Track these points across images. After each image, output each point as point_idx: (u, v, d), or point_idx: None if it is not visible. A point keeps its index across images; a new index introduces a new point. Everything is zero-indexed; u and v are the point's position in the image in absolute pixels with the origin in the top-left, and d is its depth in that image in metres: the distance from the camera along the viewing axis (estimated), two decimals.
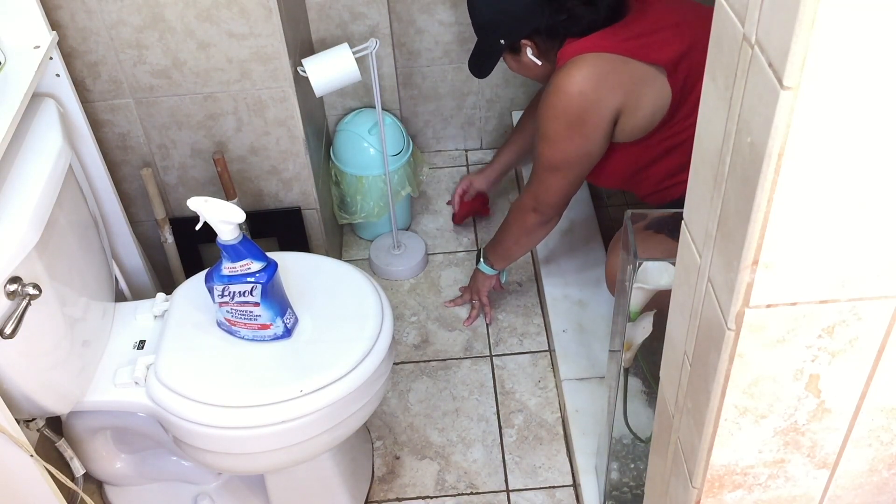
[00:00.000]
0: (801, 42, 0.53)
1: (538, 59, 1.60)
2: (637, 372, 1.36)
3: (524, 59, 1.62)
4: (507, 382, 1.90)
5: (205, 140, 1.80)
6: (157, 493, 1.61)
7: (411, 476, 1.73)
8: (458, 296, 2.10)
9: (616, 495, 1.53)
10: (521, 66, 1.65)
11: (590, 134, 1.52)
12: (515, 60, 1.65)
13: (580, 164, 1.58)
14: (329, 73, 1.76)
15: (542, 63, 1.60)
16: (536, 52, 1.59)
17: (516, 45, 1.61)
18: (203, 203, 1.27)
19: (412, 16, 2.26)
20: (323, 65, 1.76)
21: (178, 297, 1.49)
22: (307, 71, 1.75)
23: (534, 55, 1.59)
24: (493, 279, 1.95)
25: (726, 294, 0.69)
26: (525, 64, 1.63)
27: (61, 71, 1.48)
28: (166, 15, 1.60)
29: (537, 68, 1.62)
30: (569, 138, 1.53)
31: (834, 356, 0.72)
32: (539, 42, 1.58)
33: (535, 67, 1.62)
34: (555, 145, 1.55)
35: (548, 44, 1.57)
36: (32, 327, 1.17)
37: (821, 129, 0.57)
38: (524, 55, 1.61)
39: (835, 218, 0.62)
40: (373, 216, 2.15)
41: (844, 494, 0.86)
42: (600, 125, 1.51)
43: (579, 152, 1.55)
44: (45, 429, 1.38)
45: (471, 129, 2.54)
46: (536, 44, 1.58)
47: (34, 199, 1.22)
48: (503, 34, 1.60)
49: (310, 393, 1.30)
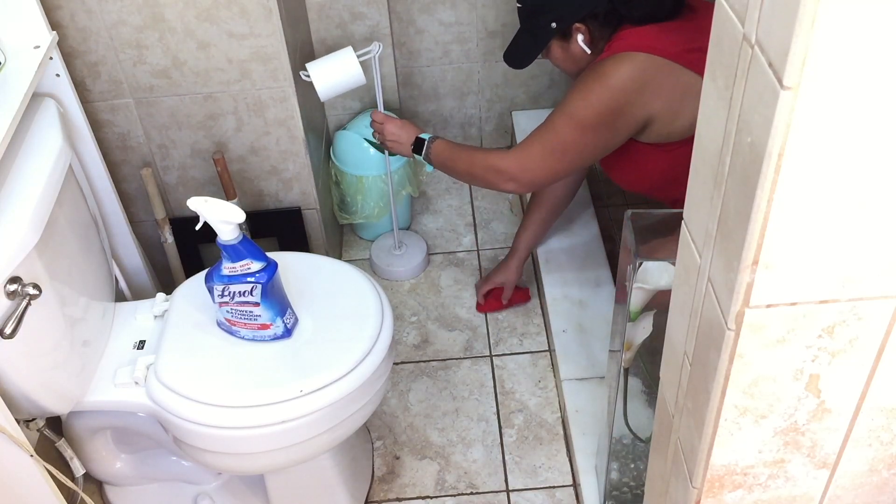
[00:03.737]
0: (801, 42, 0.53)
1: (588, 47, 1.52)
2: (637, 372, 1.36)
3: (572, 47, 1.54)
4: (507, 382, 1.90)
5: (205, 140, 1.80)
6: (157, 493, 1.61)
7: (411, 476, 1.73)
8: None
9: (616, 495, 1.53)
10: (566, 56, 1.56)
11: (616, 130, 1.47)
12: (562, 48, 1.56)
13: (589, 156, 1.52)
14: (333, 78, 1.71)
15: (590, 53, 1.52)
16: (588, 38, 1.51)
17: (568, 31, 1.52)
18: (203, 203, 1.27)
19: (412, 16, 2.26)
20: (327, 69, 1.71)
21: (178, 297, 1.49)
22: (311, 76, 1.70)
23: (585, 42, 1.51)
24: (409, 152, 1.72)
25: (726, 294, 0.69)
26: (572, 53, 1.54)
27: (61, 71, 1.48)
28: (166, 15, 1.60)
29: (583, 59, 1.54)
30: (594, 128, 1.47)
31: (834, 356, 0.72)
32: (593, 28, 1.50)
33: (582, 58, 1.54)
34: (577, 129, 1.47)
35: (602, 31, 1.50)
36: (32, 327, 1.17)
37: (821, 129, 0.57)
38: (574, 42, 1.52)
39: (835, 218, 0.62)
40: (373, 216, 2.15)
41: (844, 494, 0.86)
42: (629, 125, 1.47)
43: (597, 144, 1.50)
44: (45, 429, 1.38)
45: (471, 129, 2.54)
46: (590, 29, 1.50)
47: (34, 199, 1.21)
48: (557, 16, 1.51)
49: (310, 393, 1.30)
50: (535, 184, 1.59)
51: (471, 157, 1.63)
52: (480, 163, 1.60)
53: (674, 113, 1.45)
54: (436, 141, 1.66)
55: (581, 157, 1.52)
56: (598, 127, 1.46)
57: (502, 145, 2.57)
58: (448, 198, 2.41)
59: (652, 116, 1.46)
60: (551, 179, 1.57)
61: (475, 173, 1.62)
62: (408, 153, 1.71)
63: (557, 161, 1.52)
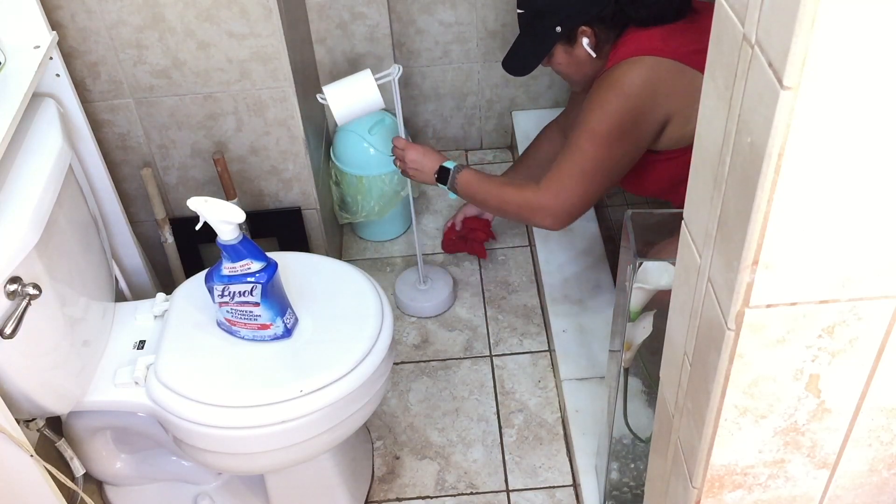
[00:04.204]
0: (801, 42, 0.53)
1: (594, 50, 1.49)
2: (637, 372, 1.36)
3: (577, 52, 1.51)
4: (507, 382, 1.90)
5: (205, 140, 1.80)
6: (157, 493, 1.61)
7: (411, 476, 1.73)
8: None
9: (616, 495, 1.53)
10: (570, 61, 1.54)
11: (639, 137, 1.45)
12: (567, 53, 1.52)
13: (619, 169, 1.48)
14: (350, 101, 1.63)
15: (595, 57, 1.49)
16: (594, 42, 1.48)
17: (573, 34, 1.49)
18: (203, 203, 1.27)
19: (412, 16, 2.26)
20: (344, 92, 1.63)
21: (178, 297, 1.49)
22: (328, 99, 1.63)
23: (590, 46, 1.48)
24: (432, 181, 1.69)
25: (726, 294, 0.69)
26: (576, 57, 1.52)
27: (61, 71, 1.48)
28: (166, 15, 1.60)
29: (587, 64, 1.52)
30: (618, 139, 1.44)
31: (834, 356, 0.72)
32: (599, 31, 1.47)
33: (586, 63, 1.51)
34: (602, 144, 1.45)
35: (607, 33, 1.47)
36: (32, 327, 1.17)
37: (821, 129, 0.57)
38: (579, 46, 1.49)
39: (835, 218, 0.62)
40: (373, 214, 2.15)
41: (844, 494, 0.86)
42: (650, 129, 1.45)
43: (624, 155, 1.47)
44: (45, 429, 1.37)
45: (471, 129, 2.54)
46: (596, 32, 1.47)
47: (34, 199, 1.21)
48: (562, 20, 1.47)
49: (310, 393, 1.30)
50: (574, 213, 1.52)
51: (501, 192, 1.59)
52: (513, 199, 1.56)
53: (688, 112, 1.43)
54: (462, 172, 1.63)
55: (612, 172, 1.49)
56: (621, 137, 1.44)
57: (502, 145, 2.57)
58: (448, 198, 2.41)
59: (669, 117, 1.44)
60: (588, 203, 1.52)
61: (507, 210, 1.60)
62: (430, 181, 1.68)
63: (590, 182, 1.48)
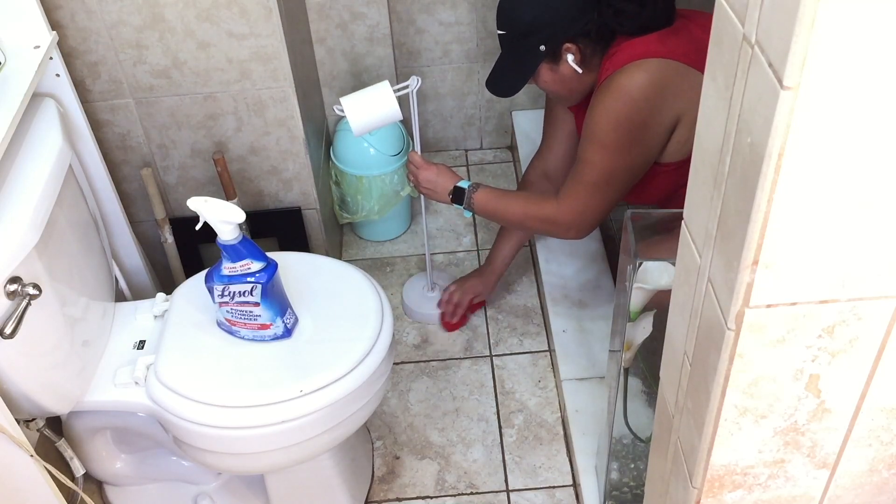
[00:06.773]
0: (801, 42, 0.53)
1: (580, 66, 1.46)
2: (637, 372, 1.36)
3: (562, 69, 1.48)
4: (507, 382, 1.90)
5: (205, 140, 1.80)
6: (157, 493, 1.61)
7: (411, 476, 1.73)
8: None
9: (616, 495, 1.53)
10: (556, 78, 1.51)
11: (650, 142, 1.43)
12: (552, 70, 1.49)
13: (632, 177, 1.47)
14: (368, 113, 1.61)
15: (582, 72, 1.47)
16: (579, 58, 1.45)
17: (557, 52, 1.45)
18: (203, 203, 1.27)
19: (412, 16, 2.26)
20: (361, 104, 1.61)
21: (178, 297, 1.49)
22: (345, 111, 1.60)
23: (575, 62, 1.45)
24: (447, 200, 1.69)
25: (726, 294, 0.69)
26: (562, 74, 1.49)
27: (61, 71, 1.48)
28: (166, 15, 1.60)
29: (574, 80, 1.49)
30: (629, 147, 1.42)
31: (834, 356, 0.72)
32: (584, 46, 1.44)
33: (573, 79, 1.48)
34: (613, 154, 1.43)
35: (593, 47, 1.45)
36: (32, 327, 1.17)
37: (821, 129, 0.57)
38: (564, 63, 1.46)
39: (835, 218, 0.62)
40: (374, 214, 2.15)
41: (844, 494, 0.86)
42: (660, 133, 1.43)
43: (635, 162, 1.45)
44: (45, 429, 1.37)
45: (471, 129, 2.54)
46: (580, 48, 1.45)
47: (34, 199, 1.22)
48: (546, 38, 1.44)
49: (310, 393, 1.30)
50: (593, 223, 1.54)
51: (521, 209, 1.61)
52: (534, 215, 1.58)
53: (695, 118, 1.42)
54: (478, 191, 1.63)
55: (625, 180, 1.48)
56: (631, 144, 1.43)
57: (502, 145, 2.58)
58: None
59: (678, 118, 1.42)
60: (605, 213, 1.52)
61: (529, 226, 1.63)
62: (445, 201, 1.69)
63: (605, 192, 1.48)
